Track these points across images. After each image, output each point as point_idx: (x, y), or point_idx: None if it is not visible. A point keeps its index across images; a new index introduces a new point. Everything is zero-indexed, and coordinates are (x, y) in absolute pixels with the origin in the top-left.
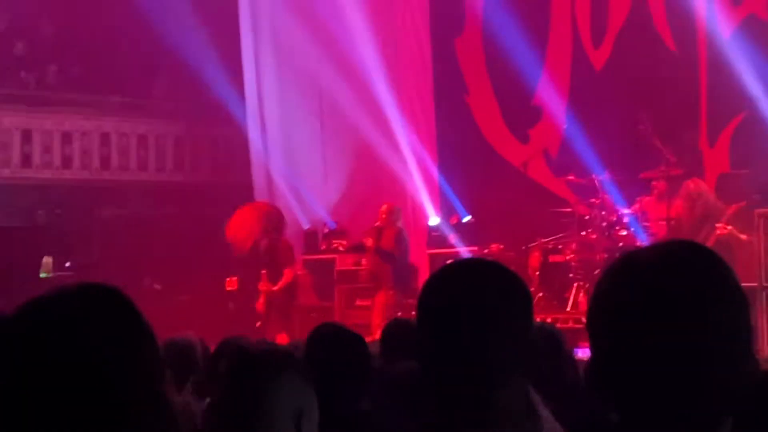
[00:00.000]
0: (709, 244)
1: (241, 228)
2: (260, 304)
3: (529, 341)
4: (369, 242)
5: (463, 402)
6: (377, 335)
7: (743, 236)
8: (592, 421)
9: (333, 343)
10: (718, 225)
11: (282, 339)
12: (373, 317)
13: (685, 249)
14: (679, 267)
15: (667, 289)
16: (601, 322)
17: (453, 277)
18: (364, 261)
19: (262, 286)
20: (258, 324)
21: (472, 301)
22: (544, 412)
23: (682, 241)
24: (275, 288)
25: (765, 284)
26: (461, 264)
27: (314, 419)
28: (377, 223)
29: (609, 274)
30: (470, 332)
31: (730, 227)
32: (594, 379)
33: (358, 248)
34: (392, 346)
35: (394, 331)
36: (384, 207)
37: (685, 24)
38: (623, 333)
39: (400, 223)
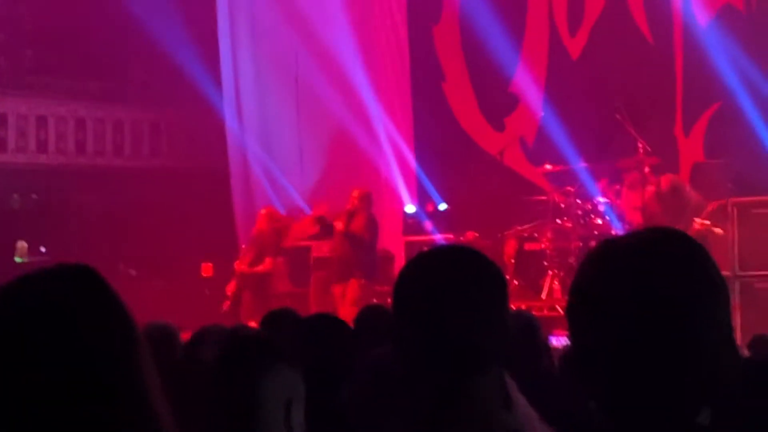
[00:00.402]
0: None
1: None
2: (230, 286)
3: (505, 328)
4: (339, 226)
5: (440, 390)
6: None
7: (718, 230)
8: (567, 408)
9: (316, 331)
10: (696, 219)
11: (255, 325)
12: (343, 305)
13: (666, 237)
14: (662, 255)
15: (649, 278)
16: (581, 310)
17: (429, 265)
18: (330, 245)
19: (239, 265)
20: (226, 306)
21: (449, 288)
22: (520, 399)
23: (663, 228)
24: (254, 270)
25: (738, 273)
26: (438, 251)
27: (302, 409)
28: (348, 207)
29: (589, 262)
30: (447, 320)
31: (708, 222)
32: (573, 368)
33: (327, 231)
34: (366, 332)
35: (367, 317)
36: (355, 192)
37: (661, 13)
38: (604, 322)
39: (371, 209)
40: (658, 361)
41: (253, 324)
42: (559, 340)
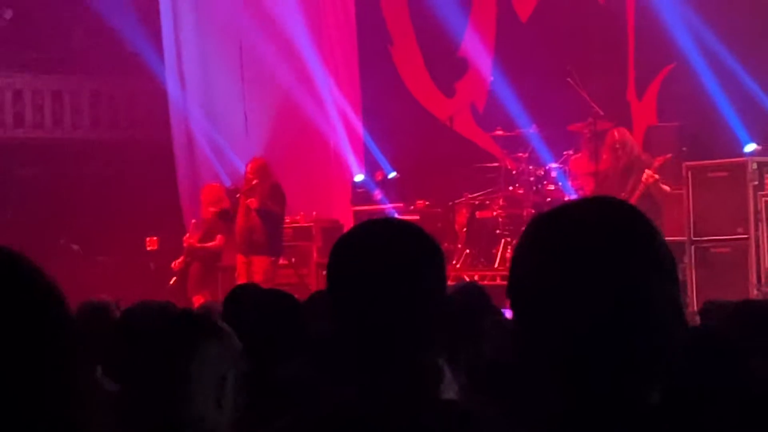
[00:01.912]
0: (636, 195)
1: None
2: (177, 262)
3: (442, 304)
4: (253, 203)
5: (383, 367)
6: None
7: (666, 187)
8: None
9: (259, 305)
10: (646, 171)
11: (200, 300)
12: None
13: (609, 209)
14: (604, 227)
15: (592, 255)
16: (520, 288)
17: (362, 239)
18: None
19: (188, 240)
20: (172, 281)
21: (384, 263)
22: (448, 376)
23: (605, 198)
24: (204, 245)
25: (693, 238)
26: (370, 225)
27: (237, 386)
28: (252, 182)
29: (528, 236)
30: (383, 295)
31: (657, 176)
32: (519, 349)
33: (223, 215)
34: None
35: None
36: (249, 166)
37: None
38: (546, 303)
39: (272, 179)
40: (605, 340)
41: (199, 297)
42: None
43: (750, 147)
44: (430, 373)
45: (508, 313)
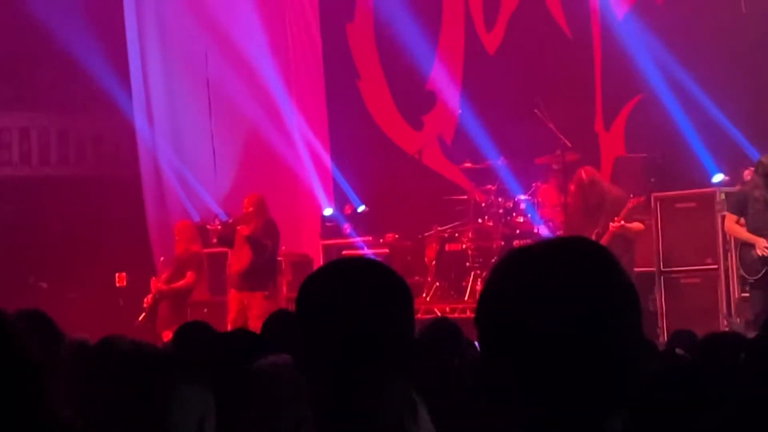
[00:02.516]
0: (607, 237)
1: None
2: (147, 299)
3: (410, 341)
4: (244, 230)
5: (346, 402)
6: None
7: (636, 225)
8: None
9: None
10: (611, 224)
11: (170, 335)
12: (246, 319)
13: (573, 245)
14: (568, 265)
15: (556, 289)
16: (489, 322)
17: (330, 279)
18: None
19: (155, 282)
20: (141, 318)
21: (347, 304)
22: (423, 413)
23: (571, 237)
24: (173, 286)
25: (663, 269)
26: (339, 264)
27: (213, 423)
28: (248, 215)
29: (495, 272)
30: (345, 336)
31: (622, 223)
32: (485, 378)
33: (226, 241)
34: (273, 339)
35: (273, 324)
36: (247, 200)
37: (578, 6)
38: (512, 334)
39: (268, 214)
40: (567, 369)
41: (168, 333)
42: None
43: (718, 177)
44: (399, 409)
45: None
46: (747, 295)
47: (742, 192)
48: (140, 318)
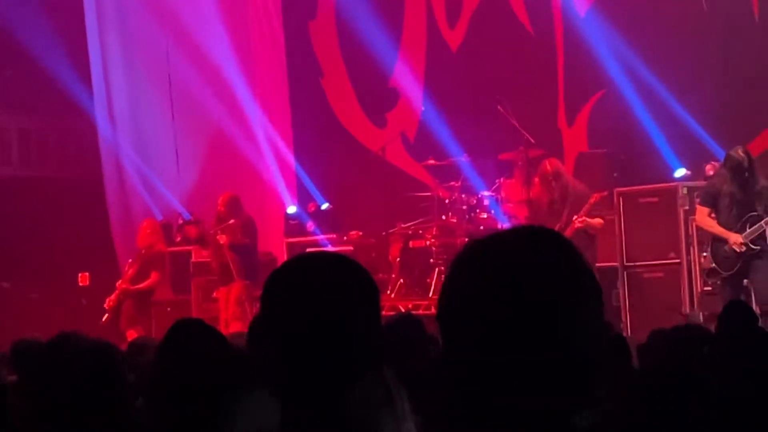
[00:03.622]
0: (569, 231)
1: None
2: (110, 299)
3: (378, 332)
4: (223, 239)
5: (316, 399)
6: (231, 328)
7: (597, 221)
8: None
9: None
10: (575, 219)
11: (134, 335)
12: (227, 307)
13: (533, 236)
14: (529, 256)
15: (517, 281)
16: (447, 315)
17: (293, 274)
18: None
19: (122, 284)
20: (104, 319)
21: (314, 298)
22: (401, 402)
23: (531, 227)
24: (138, 287)
25: (626, 264)
26: (304, 259)
27: None
28: (217, 213)
29: (455, 265)
30: (313, 331)
31: (583, 219)
32: (446, 373)
33: (201, 241)
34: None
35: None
36: (220, 198)
37: (540, 3)
38: (473, 328)
39: (243, 213)
40: (529, 363)
41: (132, 332)
42: None
43: (680, 172)
44: (368, 401)
45: None
46: (709, 288)
47: (713, 185)
48: (104, 318)
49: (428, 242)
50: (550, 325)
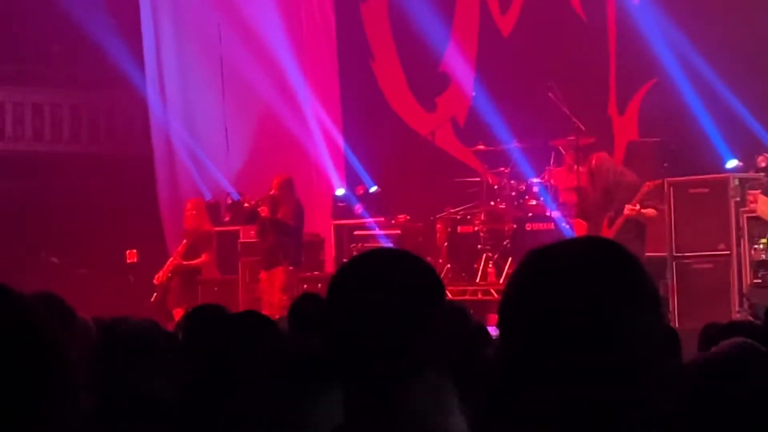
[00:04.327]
0: (620, 221)
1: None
2: (158, 277)
3: (441, 332)
4: (264, 212)
5: (371, 393)
6: (278, 313)
7: (650, 211)
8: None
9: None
10: (627, 207)
11: (181, 313)
12: (271, 293)
13: (596, 248)
14: (591, 269)
15: (578, 293)
16: (512, 324)
17: (364, 267)
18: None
19: (174, 260)
20: (153, 298)
21: (381, 293)
22: (455, 408)
23: (595, 239)
24: (189, 263)
25: (675, 254)
26: (375, 253)
27: None
28: (270, 194)
29: (519, 275)
30: (378, 324)
31: (637, 207)
32: (504, 377)
33: (251, 217)
34: (302, 321)
35: (303, 305)
36: (275, 179)
37: None
38: (535, 337)
39: (295, 195)
40: (590, 375)
41: (180, 311)
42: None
43: (731, 163)
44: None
45: (493, 330)
46: (759, 281)
47: None
48: (153, 298)
49: (476, 228)
50: (613, 338)
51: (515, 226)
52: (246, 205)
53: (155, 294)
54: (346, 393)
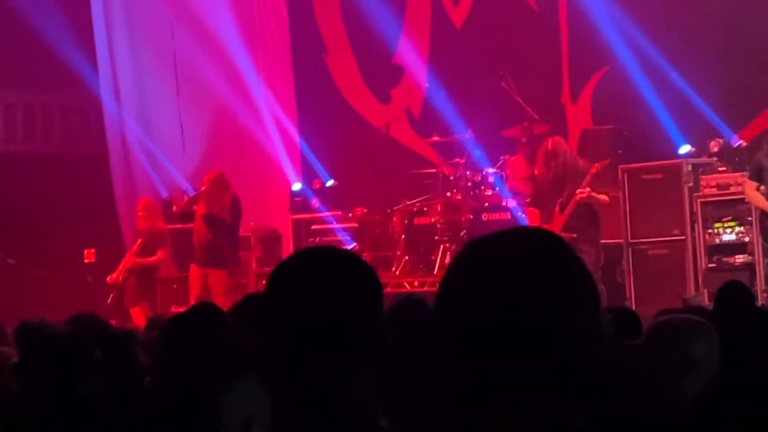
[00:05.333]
0: (571, 205)
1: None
2: (113, 277)
3: (378, 336)
4: (200, 209)
5: (312, 390)
6: None
7: (602, 197)
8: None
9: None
10: (578, 191)
11: (138, 312)
12: (212, 297)
13: (532, 238)
14: (526, 259)
15: (513, 284)
16: (446, 317)
17: (299, 268)
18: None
19: (128, 259)
20: (110, 299)
21: (314, 295)
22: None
23: (531, 229)
24: (143, 261)
25: (630, 240)
26: (308, 253)
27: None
28: (203, 189)
29: (455, 268)
30: (311, 327)
31: (588, 190)
32: (442, 369)
33: (186, 217)
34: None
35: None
36: (206, 176)
37: None
38: (468, 329)
39: (229, 190)
40: (525, 366)
41: (137, 310)
42: None
43: (684, 149)
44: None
45: None
46: (714, 265)
47: (758, 160)
48: (109, 299)
49: (433, 219)
50: (541, 330)
51: (471, 216)
52: (174, 209)
53: (111, 295)
54: (277, 393)
